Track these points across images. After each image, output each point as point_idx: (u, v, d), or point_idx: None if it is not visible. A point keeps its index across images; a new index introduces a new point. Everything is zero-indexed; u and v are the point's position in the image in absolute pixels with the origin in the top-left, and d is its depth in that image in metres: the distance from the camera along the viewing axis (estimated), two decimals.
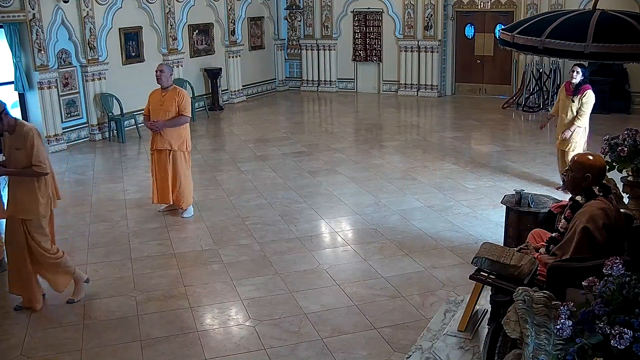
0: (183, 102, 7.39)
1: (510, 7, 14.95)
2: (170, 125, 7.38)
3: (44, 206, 5.27)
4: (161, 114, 7.40)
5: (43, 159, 5.15)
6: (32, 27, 10.58)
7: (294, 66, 17.57)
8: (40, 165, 5.13)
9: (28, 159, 5.11)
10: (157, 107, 7.47)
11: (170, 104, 7.38)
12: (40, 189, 5.23)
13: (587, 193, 3.98)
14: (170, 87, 7.47)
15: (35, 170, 5.14)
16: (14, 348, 4.89)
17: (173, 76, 7.73)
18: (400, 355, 4.62)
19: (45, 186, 5.27)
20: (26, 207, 5.23)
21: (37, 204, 5.22)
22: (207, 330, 5.11)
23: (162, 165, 7.54)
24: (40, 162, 5.12)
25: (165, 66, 7.58)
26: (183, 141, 7.50)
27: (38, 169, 5.13)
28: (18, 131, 5.15)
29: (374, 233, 7.08)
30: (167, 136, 7.41)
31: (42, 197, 5.24)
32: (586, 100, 7.90)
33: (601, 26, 4.01)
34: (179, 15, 13.82)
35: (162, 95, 7.45)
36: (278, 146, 11.26)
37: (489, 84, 15.84)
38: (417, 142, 11.56)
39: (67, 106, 11.52)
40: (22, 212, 5.25)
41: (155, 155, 7.60)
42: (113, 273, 6.19)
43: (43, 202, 5.25)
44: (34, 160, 5.10)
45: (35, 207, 5.22)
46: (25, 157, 5.12)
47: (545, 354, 2.99)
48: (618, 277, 2.78)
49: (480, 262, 4.28)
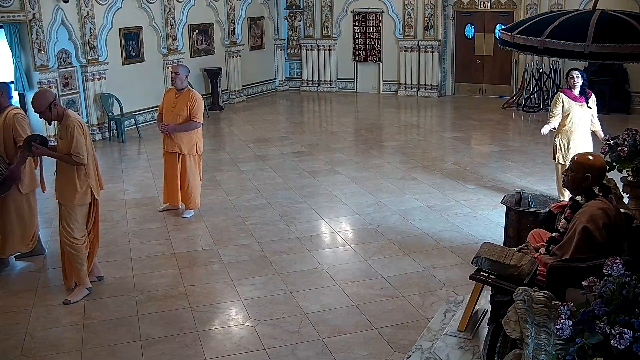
0: (195, 107, 7.29)
1: (510, 7, 14.95)
2: (180, 130, 7.31)
3: (81, 195, 5.48)
4: (172, 117, 7.33)
5: (82, 151, 5.36)
6: (32, 27, 10.58)
7: (294, 66, 17.56)
8: (78, 156, 5.34)
9: (69, 149, 5.36)
10: (169, 108, 7.39)
11: (182, 107, 7.29)
12: (80, 178, 5.46)
13: (587, 193, 3.98)
14: (184, 89, 7.37)
15: (72, 159, 5.35)
16: (14, 348, 4.89)
17: (188, 78, 7.62)
18: (400, 355, 4.62)
19: (86, 176, 5.48)
20: (64, 192, 5.49)
21: (75, 191, 5.45)
22: (207, 330, 5.11)
23: (171, 167, 7.52)
24: (78, 153, 5.33)
25: (181, 67, 7.47)
26: (193, 145, 7.43)
27: (76, 158, 5.35)
28: (64, 121, 5.43)
29: (374, 233, 7.08)
30: (177, 140, 7.36)
31: (80, 186, 5.46)
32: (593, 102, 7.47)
33: (601, 26, 4.01)
34: (179, 15, 13.81)
35: (176, 97, 7.37)
36: (278, 146, 11.26)
37: (489, 84, 15.83)
38: (417, 142, 11.56)
39: (67, 106, 11.45)
40: (61, 197, 5.55)
41: (165, 156, 7.60)
42: (113, 273, 6.19)
43: (81, 191, 5.47)
44: (72, 150, 5.34)
45: (71, 195, 5.46)
46: (66, 146, 5.36)
47: (545, 354, 2.99)
48: (618, 277, 2.78)
49: (480, 262, 4.28)
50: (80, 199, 5.49)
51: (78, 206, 5.51)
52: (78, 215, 5.55)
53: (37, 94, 5.42)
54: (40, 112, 5.37)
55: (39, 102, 5.35)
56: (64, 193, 5.49)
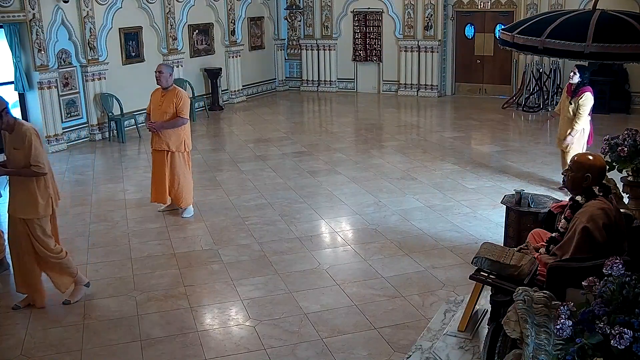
0: (181, 104, 7.33)
1: (510, 7, 14.95)
2: (167, 127, 7.36)
3: (44, 206, 5.28)
4: (159, 115, 7.40)
5: (41, 160, 5.15)
6: (32, 27, 10.58)
7: (294, 66, 17.56)
8: (38, 165, 5.13)
9: (26, 159, 5.11)
10: (156, 107, 7.46)
11: (169, 105, 7.35)
12: (40, 189, 5.23)
13: (587, 193, 3.98)
14: (170, 87, 7.44)
15: (33, 171, 5.14)
16: (14, 348, 4.88)
17: (173, 76, 7.70)
18: (400, 355, 4.62)
19: (45, 186, 5.27)
20: (25, 206, 5.25)
21: (37, 204, 5.22)
22: (207, 330, 5.11)
23: (159, 165, 7.54)
24: (38, 163, 5.12)
25: (165, 66, 7.53)
26: (181, 142, 7.46)
27: (36, 169, 5.13)
28: (17, 131, 5.15)
29: (374, 233, 7.08)
30: (164, 137, 7.40)
31: (41, 198, 5.24)
32: (582, 102, 7.77)
33: (601, 26, 4.01)
34: (179, 15, 13.82)
35: (162, 96, 7.43)
36: (278, 146, 11.26)
37: (489, 84, 15.83)
38: (417, 142, 11.56)
39: (67, 106, 11.52)
40: (22, 212, 5.27)
41: (153, 155, 7.62)
42: (113, 273, 6.19)
43: (42, 202, 5.25)
44: (32, 160, 5.10)
45: (34, 207, 5.23)
46: (24, 157, 5.12)
47: (545, 354, 2.99)
48: (618, 277, 2.78)
49: (480, 262, 4.28)
50: (44, 210, 5.28)
51: (43, 218, 5.30)
52: (46, 227, 5.36)
53: None
54: None
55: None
56: (26, 207, 5.23)
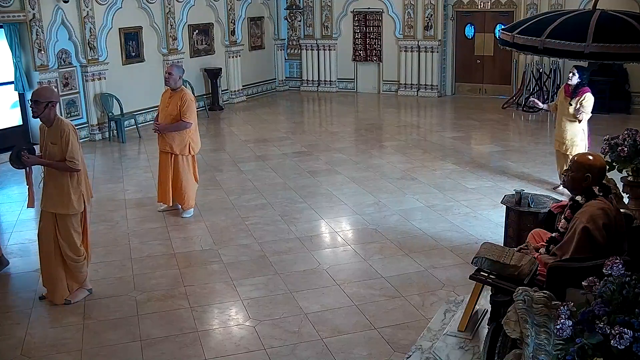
0: (185, 108, 7.29)
1: (510, 7, 14.95)
2: (170, 130, 7.35)
3: (76, 202, 5.37)
4: (165, 116, 7.41)
5: (77, 156, 5.28)
6: (32, 27, 10.58)
7: (294, 66, 17.56)
8: (73, 161, 5.26)
9: (62, 154, 5.26)
10: (163, 108, 7.48)
11: (174, 107, 7.33)
12: (73, 185, 5.35)
13: (587, 193, 3.98)
14: (178, 89, 7.41)
15: (67, 165, 5.26)
16: (14, 348, 4.88)
17: (182, 79, 7.61)
18: (400, 355, 4.62)
19: (78, 183, 5.38)
20: (57, 201, 5.35)
21: (69, 199, 5.33)
22: (207, 330, 5.11)
23: (164, 166, 7.57)
24: (72, 158, 5.26)
25: (175, 68, 7.49)
26: (185, 145, 7.44)
27: (70, 164, 5.27)
28: (55, 125, 5.31)
29: (374, 233, 7.08)
30: (168, 139, 7.40)
31: (73, 194, 5.35)
32: (585, 102, 7.74)
33: (601, 26, 4.01)
34: (179, 15, 13.81)
35: (170, 97, 7.42)
36: (278, 146, 11.26)
37: (489, 84, 15.83)
38: (417, 142, 11.56)
39: (67, 106, 11.52)
40: (54, 206, 5.37)
41: (160, 156, 7.65)
42: (113, 273, 6.19)
43: (74, 198, 5.36)
44: (67, 155, 5.24)
45: (66, 202, 5.34)
46: (60, 151, 5.27)
47: (545, 354, 2.99)
48: (618, 277, 2.78)
49: (480, 262, 4.28)
50: (77, 206, 5.38)
51: (73, 215, 5.40)
52: (75, 224, 5.46)
53: (46, 87, 5.35)
54: (35, 101, 5.21)
55: (44, 93, 5.31)
56: (58, 203, 5.34)
